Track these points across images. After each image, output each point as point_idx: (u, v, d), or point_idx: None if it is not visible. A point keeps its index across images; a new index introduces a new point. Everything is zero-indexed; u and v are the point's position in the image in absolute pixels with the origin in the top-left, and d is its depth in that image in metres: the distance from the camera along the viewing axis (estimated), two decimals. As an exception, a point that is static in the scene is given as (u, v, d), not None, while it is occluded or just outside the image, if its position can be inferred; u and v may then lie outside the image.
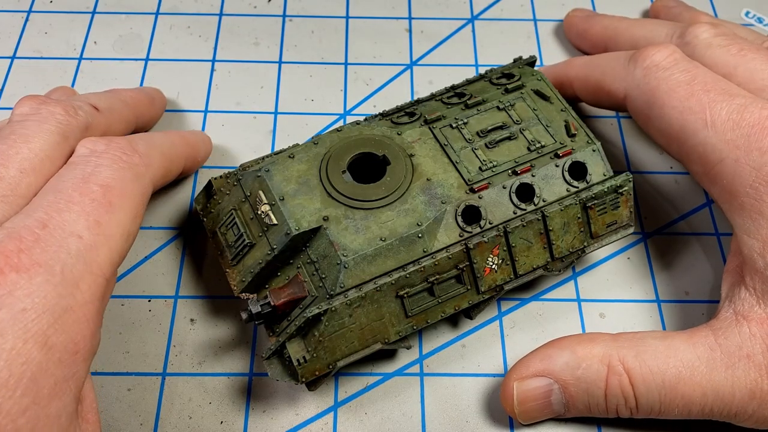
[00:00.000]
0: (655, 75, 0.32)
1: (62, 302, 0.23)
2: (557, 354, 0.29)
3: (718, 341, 0.28)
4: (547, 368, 0.29)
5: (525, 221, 0.31)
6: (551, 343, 0.30)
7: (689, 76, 0.31)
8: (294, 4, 0.45)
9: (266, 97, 0.41)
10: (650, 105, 0.32)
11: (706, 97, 0.30)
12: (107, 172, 0.27)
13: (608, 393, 0.28)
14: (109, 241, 0.26)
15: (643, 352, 0.28)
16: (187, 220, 0.37)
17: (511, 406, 0.29)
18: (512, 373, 0.30)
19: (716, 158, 0.29)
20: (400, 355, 0.33)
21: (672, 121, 0.31)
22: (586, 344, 0.29)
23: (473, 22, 0.45)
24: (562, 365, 0.29)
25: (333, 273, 0.29)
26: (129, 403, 0.32)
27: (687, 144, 0.31)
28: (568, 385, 0.28)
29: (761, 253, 0.28)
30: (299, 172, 0.31)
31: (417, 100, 0.35)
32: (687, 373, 0.27)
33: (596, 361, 0.28)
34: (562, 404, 0.29)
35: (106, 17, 0.44)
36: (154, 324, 0.34)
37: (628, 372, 0.28)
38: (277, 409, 0.32)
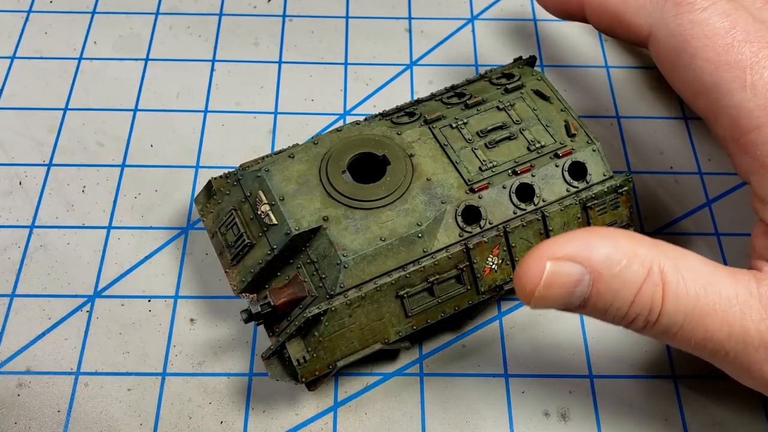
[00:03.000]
0: (689, 16, 0.28)
1: None
2: (599, 243, 0.25)
3: (759, 290, 0.25)
4: (585, 255, 0.25)
5: (525, 221, 0.31)
6: (591, 229, 0.26)
7: (729, 21, 0.27)
8: (294, 4, 0.45)
9: (266, 97, 0.41)
10: (679, 52, 0.28)
11: (748, 50, 0.26)
12: None
13: (637, 299, 0.25)
14: None
15: (685, 268, 0.25)
16: (187, 220, 0.37)
17: (534, 288, 0.25)
18: (544, 249, 0.25)
19: (751, 125, 0.26)
20: (400, 355, 0.33)
21: (704, 75, 0.27)
22: (629, 241, 0.25)
23: (473, 22, 0.45)
24: (601, 257, 0.25)
25: (333, 273, 0.29)
26: (129, 403, 0.32)
27: (718, 104, 0.27)
28: (601, 279, 0.25)
29: None
30: (299, 172, 0.31)
31: (417, 100, 0.35)
32: (721, 307, 0.25)
33: (637, 261, 0.25)
34: (582, 299, 0.25)
35: (106, 17, 0.44)
36: (154, 324, 0.34)
37: (664, 284, 0.25)
38: (277, 409, 0.32)
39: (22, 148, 0.39)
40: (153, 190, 0.38)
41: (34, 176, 0.38)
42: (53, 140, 0.39)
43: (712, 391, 0.32)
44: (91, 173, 0.38)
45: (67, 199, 0.37)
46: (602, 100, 0.42)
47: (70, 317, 0.34)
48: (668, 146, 0.40)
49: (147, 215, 0.37)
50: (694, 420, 0.32)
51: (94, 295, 0.34)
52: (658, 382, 0.33)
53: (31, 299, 0.34)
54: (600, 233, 0.26)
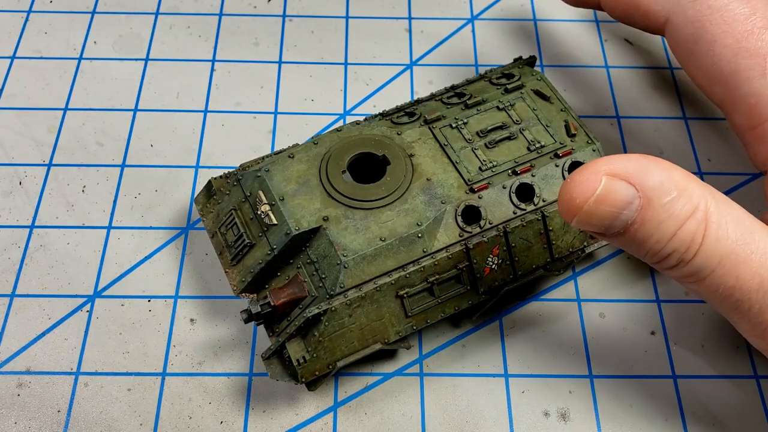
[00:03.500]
0: (708, 2, 0.27)
1: None
2: (655, 169, 0.24)
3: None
4: (641, 178, 0.24)
5: (525, 221, 0.31)
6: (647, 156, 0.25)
7: (749, 8, 0.27)
8: (294, 4, 0.45)
9: (266, 97, 0.41)
10: (697, 38, 0.28)
11: (767, 37, 0.26)
12: None
13: (679, 233, 0.24)
14: None
15: (729, 213, 0.25)
16: (187, 220, 0.37)
17: (585, 200, 0.24)
18: (602, 164, 0.24)
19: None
20: (400, 355, 0.33)
21: (722, 62, 0.27)
22: (682, 175, 0.25)
23: (473, 22, 0.45)
24: (655, 183, 0.24)
25: (333, 273, 0.29)
26: (129, 403, 0.32)
27: (736, 92, 0.27)
28: (650, 206, 0.24)
29: None
30: (299, 172, 0.31)
31: (417, 100, 0.35)
32: (757, 257, 0.24)
33: (686, 197, 0.24)
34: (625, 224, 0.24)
35: (106, 17, 0.44)
36: (154, 324, 0.34)
37: (707, 223, 0.24)
38: (277, 409, 0.32)
39: (22, 148, 0.39)
40: (153, 190, 0.38)
41: (34, 176, 0.38)
42: (53, 140, 0.39)
43: (712, 391, 0.32)
44: (91, 173, 0.38)
45: (67, 199, 0.37)
46: (602, 100, 0.42)
47: (70, 317, 0.34)
48: (668, 146, 0.40)
49: (147, 215, 0.37)
50: (694, 420, 0.32)
51: (94, 295, 0.34)
52: (658, 382, 0.33)
53: (31, 299, 0.34)
54: (656, 160, 0.25)
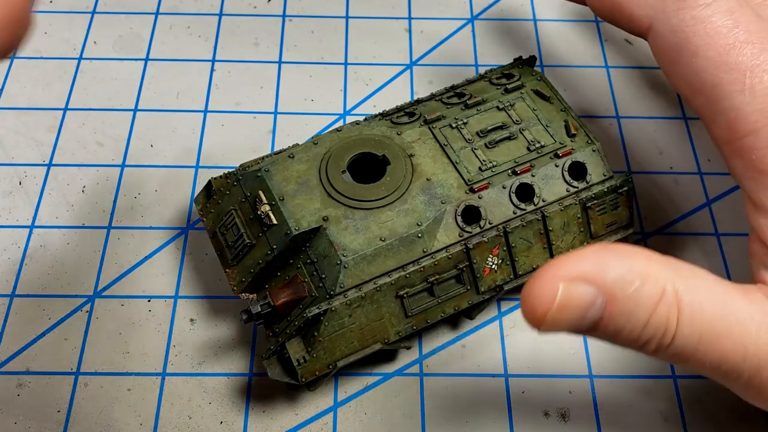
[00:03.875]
0: (691, 12, 0.27)
1: None
2: (613, 262, 0.24)
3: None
4: (599, 275, 0.23)
5: (525, 221, 0.31)
6: (604, 246, 0.24)
7: (732, 20, 0.26)
8: (294, 4, 0.45)
9: (266, 97, 0.41)
10: (680, 49, 0.27)
11: (749, 52, 0.26)
12: None
13: (651, 321, 0.24)
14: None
15: (700, 289, 0.24)
16: (187, 220, 0.37)
17: (546, 310, 0.23)
18: (556, 269, 0.23)
19: (748, 129, 0.26)
20: (400, 355, 0.33)
21: (704, 74, 0.27)
22: (643, 260, 0.24)
23: (473, 22, 0.45)
24: (616, 277, 0.23)
25: (333, 273, 0.29)
26: (129, 403, 0.32)
27: (716, 105, 0.27)
28: (614, 301, 0.23)
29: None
30: (299, 172, 0.31)
31: (417, 100, 0.35)
32: (737, 329, 0.24)
33: (651, 282, 0.24)
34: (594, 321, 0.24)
35: (106, 17, 0.44)
36: (154, 324, 0.34)
37: (679, 305, 0.24)
38: (277, 409, 0.32)
39: (22, 148, 0.39)
40: (153, 190, 0.38)
41: (34, 176, 0.38)
42: (53, 140, 0.39)
43: (712, 391, 0.32)
44: (91, 173, 0.38)
45: (67, 199, 0.37)
46: (602, 100, 0.42)
47: (70, 317, 0.34)
48: (668, 146, 0.40)
49: (147, 215, 0.37)
50: (694, 420, 0.32)
51: (94, 295, 0.34)
52: (658, 382, 0.33)
53: (31, 299, 0.34)
54: (613, 251, 0.24)
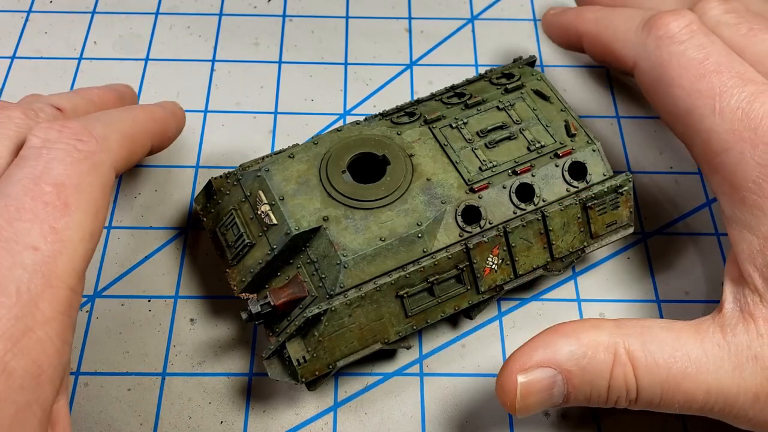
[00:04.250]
0: (668, 49, 0.30)
1: (20, 324, 0.22)
2: (561, 342, 0.27)
3: (726, 339, 0.27)
4: (551, 358, 0.27)
5: (525, 221, 0.31)
6: (553, 330, 0.28)
7: (703, 53, 0.29)
8: (294, 4, 0.45)
9: (266, 97, 0.41)
10: (659, 80, 0.31)
11: (717, 80, 0.28)
12: (60, 168, 0.25)
13: (612, 384, 0.27)
14: (68, 248, 0.24)
15: (650, 342, 0.27)
16: (187, 220, 0.37)
17: (513, 401, 0.27)
18: (512, 364, 0.27)
19: (720, 148, 0.28)
20: (400, 355, 0.33)
21: (679, 101, 0.30)
22: (590, 331, 0.27)
23: (473, 22, 0.45)
24: (567, 355, 0.27)
25: (333, 273, 0.29)
26: (129, 403, 0.32)
27: (691, 128, 0.29)
28: (572, 375, 0.27)
29: (760, 251, 0.27)
30: (299, 172, 0.31)
31: (417, 100, 0.35)
32: (693, 369, 0.26)
33: (602, 349, 0.27)
34: (563, 395, 0.27)
35: (106, 17, 0.44)
36: (154, 324, 0.34)
37: (633, 363, 0.27)
38: (277, 409, 0.32)
39: (22, 148, 0.39)
40: (153, 190, 0.38)
41: (34, 176, 0.38)
42: (53, 140, 0.39)
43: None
44: (91, 173, 0.38)
45: (67, 199, 0.37)
46: (602, 100, 0.42)
47: (70, 317, 0.34)
48: (668, 146, 0.40)
49: (147, 215, 0.37)
50: (693, 420, 0.32)
51: (94, 295, 0.34)
52: (658, 382, 0.33)
53: (31, 299, 0.34)
54: (561, 331, 0.27)
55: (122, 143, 0.28)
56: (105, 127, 0.27)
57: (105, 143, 0.27)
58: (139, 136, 0.30)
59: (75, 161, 0.25)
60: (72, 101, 0.31)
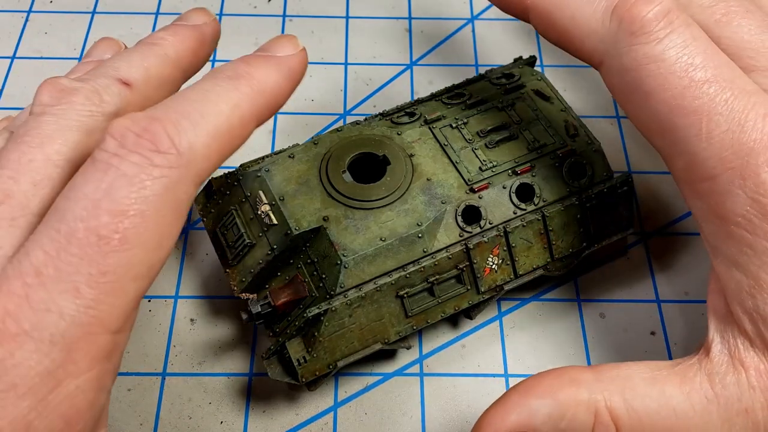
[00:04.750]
0: (644, 50, 0.25)
1: (49, 379, 0.19)
2: (537, 404, 0.24)
3: (714, 390, 0.24)
4: (525, 422, 0.24)
5: (525, 221, 0.31)
6: (527, 387, 0.25)
7: (687, 57, 0.24)
8: (294, 4, 0.45)
9: (266, 97, 0.41)
10: (634, 88, 0.25)
11: (704, 94, 0.24)
12: (125, 190, 0.20)
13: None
14: (116, 291, 0.20)
15: (632, 397, 0.24)
16: (187, 220, 0.37)
17: None
18: (485, 425, 0.25)
19: (706, 174, 0.24)
20: (400, 355, 0.33)
21: (659, 116, 0.25)
22: (568, 389, 0.25)
23: (473, 22, 0.45)
24: (543, 417, 0.24)
25: (333, 273, 0.29)
26: (129, 403, 0.32)
27: (672, 147, 0.26)
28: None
29: (750, 292, 0.24)
30: (299, 172, 0.31)
31: (417, 100, 0.35)
32: (680, 425, 0.24)
33: (582, 409, 0.24)
34: None
35: (106, 17, 0.44)
36: (154, 324, 0.34)
37: (615, 422, 0.24)
38: (277, 409, 0.32)
39: (22, 148, 0.39)
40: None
41: (34, 176, 0.38)
42: (53, 140, 0.39)
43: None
44: (91, 173, 0.38)
45: (67, 199, 0.37)
46: (602, 100, 0.42)
47: (70, 317, 0.34)
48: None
49: (147, 215, 0.37)
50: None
51: (94, 295, 0.34)
52: (658, 382, 0.33)
53: (31, 299, 0.34)
54: (537, 391, 0.25)
55: (213, 148, 0.22)
56: (194, 130, 0.22)
57: (189, 155, 0.21)
58: (237, 129, 0.24)
59: (146, 181, 0.21)
60: (142, 65, 0.26)
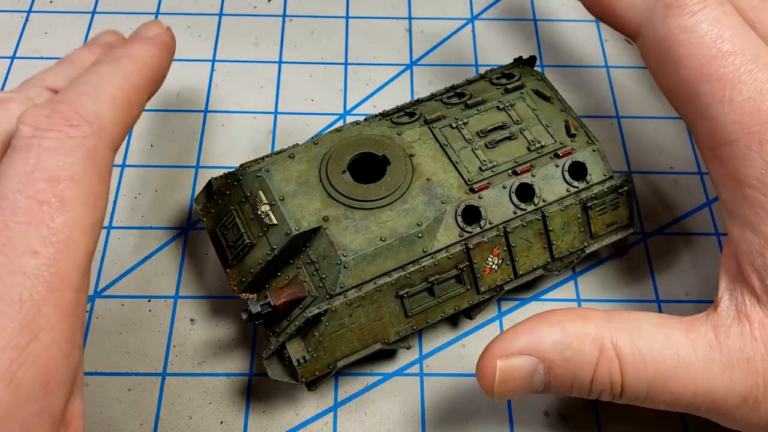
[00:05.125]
0: (677, 21, 0.27)
1: (25, 333, 0.21)
2: (546, 331, 0.26)
3: (718, 339, 0.26)
4: (534, 346, 0.26)
5: (525, 221, 0.31)
6: (540, 317, 0.27)
7: (716, 30, 0.27)
8: (294, 4, 0.45)
9: (266, 97, 0.41)
10: (665, 56, 0.28)
11: (730, 64, 0.26)
12: (53, 160, 0.23)
13: (596, 378, 0.26)
14: (69, 246, 0.22)
15: (638, 337, 0.26)
16: (187, 220, 0.37)
17: (491, 385, 0.26)
18: (494, 348, 0.26)
19: (726, 139, 0.26)
20: (400, 355, 0.33)
21: (686, 83, 0.27)
22: (577, 322, 0.26)
23: (473, 22, 0.45)
24: (551, 344, 0.26)
25: (333, 273, 0.29)
26: (129, 403, 0.32)
27: (696, 113, 0.27)
28: (554, 366, 0.26)
29: (760, 251, 0.26)
30: (299, 172, 0.31)
31: (417, 100, 0.35)
32: (682, 369, 0.25)
33: (588, 341, 0.26)
34: (543, 384, 0.26)
35: (106, 17, 0.44)
36: (154, 324, 0.34)
37: (619, 358, 0.26)
38: (277, 409, 0.32)
39: (22, 148, 0.39)
40: (153, 190, 0.38)
41: (34, 176, 0.38)
42: (53, 140, 0.39)
43: (712, 391, 0.32)
44: (91, 173, 0.38)
45: (67, 199, 0.37)
46: (602, 100, 0.42)
47: (70, 317, 0.34)
48: (668, 146, 0.40)
49: (147, 215, 0.37)
50: (693, 420, 0.32)
51: (94, 295, 0.34)
52: (658, 382, 0.33)
53: (31, 299, 0.34)
54: (548, 319, 0.26)
55: (116, 114, 0.26)
56: (95, 102, 0.25)
57: (97, 122, 0.24)
58: (133, 97, 0.27)
59: (68, 150, 0.23)
60: (66, 75, 0.29)
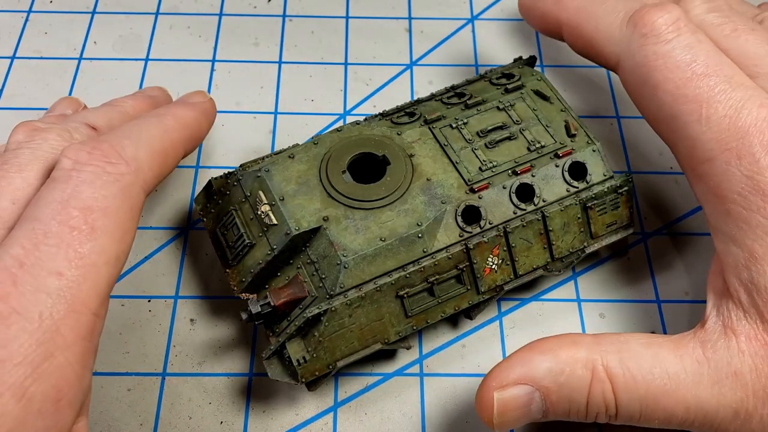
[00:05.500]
0: (653, 48, 0.29)
1: (41, 350, 0.22)
2: (539, 359, 0.27)
3: (706, 355, 0.26)
4: (528, 375, 0.27)
5: (525, 221, 0.31)
6: (531, 346, 0.28)
7: (690, 55, 0.28)
8: (294, 4, 0.45)
9: (266, 97, 0.41)
10: (643, 82, 0.29)
11: (705, 84, 0.27)
12: (88, 191, 0.25)
13: (590, 400, 0.27)
14: (92, 273, 0.24)
15: (628, 358, 0.27)
16: (187, 220, 0.37)
17: (490, 417, 0.27)
18: (490, 380, 0.27)
19: (705, 157, 0.27)
20: (400, 355, 0.33)
21: (664, 106, 0.29)
22: (568, 348, 0.27)
23: (473, 22, 0.45)
24: (544, 371, 0.27)
25: (333, 273, 0.29)
26: (129, 403, 0.32)
27: (676, 134, 0.29)
28: (550, 392, 0.27)
29: (746, 265, 0.26)
30: (299, 172, 0.31)
31: (417, 100, 0.35)
32: (672, 385, 0.26)
33: (580, 366, 0.27)
34: (541, 411, 0.27)
35: (106, 17, 0.44)
36: (154, 324, 0.34)
37: (611, 379, 0.26)
38: (277, 409, 0.32)
39: (22, 148, 0.39)
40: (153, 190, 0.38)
41: (34, 176, 0.38)
42: (53, 140, 0.39)
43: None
44: (91, 173, 0.38)
45: (67, 199, 0.37)
46: (602, 100, 0.42)
47: (70, 317, 0.34)
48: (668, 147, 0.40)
49: (147, 215, 0.37)
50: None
51: (94, 295, 0.34)
52: (658, 382, 0.33)
53: (31, 299, 0.34)
54: (539, 348, 0.27)
55: (153, 161, 0.28)
56: (135, 146, 0.28)
57: (135, 164, 0.27)
58: (170, 149, 0.30)
59: (104, 184, 0.26)
60: (106, 116, 0.31)
